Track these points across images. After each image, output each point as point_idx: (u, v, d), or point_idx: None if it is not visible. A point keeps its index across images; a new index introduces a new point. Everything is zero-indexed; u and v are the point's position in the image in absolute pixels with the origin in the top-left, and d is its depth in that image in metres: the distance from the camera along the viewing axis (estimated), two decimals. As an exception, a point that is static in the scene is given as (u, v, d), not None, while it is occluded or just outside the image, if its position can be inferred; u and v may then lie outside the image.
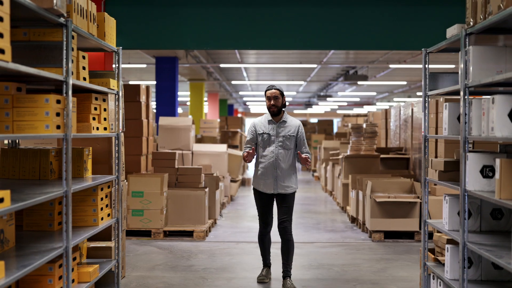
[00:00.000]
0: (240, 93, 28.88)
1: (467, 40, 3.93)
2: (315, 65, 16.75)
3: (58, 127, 3.56)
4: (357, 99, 32.66)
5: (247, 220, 9.58)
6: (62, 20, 3.57)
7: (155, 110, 14.71)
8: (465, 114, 3.92)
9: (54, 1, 3.29)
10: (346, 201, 10.31)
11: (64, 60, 3.64)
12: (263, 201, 5.55)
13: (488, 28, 3.66)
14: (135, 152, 8.56)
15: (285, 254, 5.52)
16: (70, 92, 3.66)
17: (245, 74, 20.46)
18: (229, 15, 7.75)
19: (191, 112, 20.18)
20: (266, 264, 5.78)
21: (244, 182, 15.30)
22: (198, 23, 7.78)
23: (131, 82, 20.65)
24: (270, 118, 5.54)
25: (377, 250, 7.27)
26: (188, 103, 27.75)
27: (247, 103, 37.46)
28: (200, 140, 13.79)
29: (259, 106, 38.56)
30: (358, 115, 22.50)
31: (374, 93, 28.74)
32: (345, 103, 35.12)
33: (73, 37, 3.76)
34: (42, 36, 3.69)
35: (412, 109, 10.53)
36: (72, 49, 3.74)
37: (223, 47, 8.17)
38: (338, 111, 42.18)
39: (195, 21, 7.78)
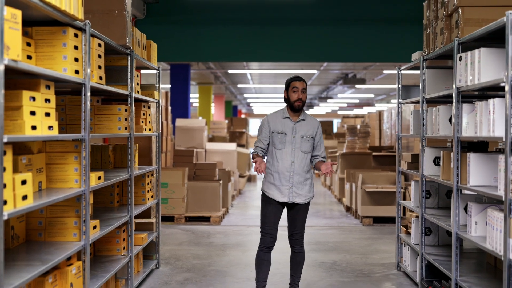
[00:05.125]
0: (245, 95, 30.24)
1: (424, 63, 5.29)
2: (315, 71, 18.11)
3: (126, 128, 4.92)
4: (357, 101, 33.99)
5: (254, 210, 10.93)
6: (128, 51, 4.94)
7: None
8: (423, 119, 5.28)
9: (127, 40, 4.66)
10: (342, 193, 11.67)
11: (129, 80, 5.00)
12: (272, 209, 4.75)
13: (437, 56, 5.01)
14: (158, 150, 9.90)
15: (295, 264, 4.88)
16: (133, 103, 5.03)
17: (249, 77, 21.82)
18: (239, 33, 9.13)
19: (200, 113, 21.54)
20: None
21: (250, 178, 16.65)
22: (213, 40, 9.16)
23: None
24: (287, 115, 4.76)
25: (366, 232, 8.63)
26: (194, 105, 29.19)
27: (251, 104, 38.85)
28: (211, 139, 15.15)
29: (261, 107, 39.94)
30: (356, 116, 23.88)
31: (372, 95, 30.08)
32: (345, 105, 36.47)
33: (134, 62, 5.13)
34: (112, 62, 5.04)
35: (401, 112, 11.90)
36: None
37: (234, 59, 9.57)
38: (339, 112, 43.53)
39: (210, 38, 9.17)
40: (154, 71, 6.37)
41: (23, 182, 2.92)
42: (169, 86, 16.11)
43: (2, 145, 2.55)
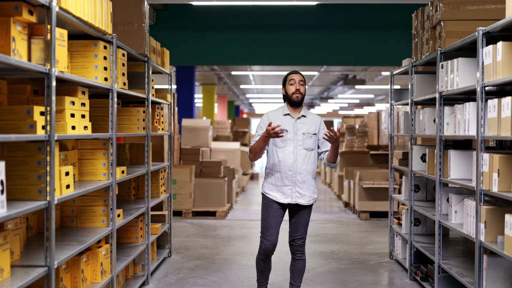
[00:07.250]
0: (247, 95, 30.80)
1: (413, 69, 5.83)
2: (316, 72, 18.65)
3: (143, 128, 5.47)
4: (357, 101, 34.53)
5: (257, 206, 11.47)
6: (145, 58, 5.48)
7: (174, 113, 16.64)
8: (411, 119, 5.83)
9: (145, 49, 5.21)
10: (341, 190, 12.22)
11: (146, 84, 5.55)
12: (273, 213, 4.52)
13: (424, 63, 5.56)
14: (166, 148, 10.46)
15: (295, 272, 4.66)
16: (150, 105, 5.57)
17: (251, 78, 22.37)
18: (243, 38, 9.70)
19: (203, 113, 22.09)
20: None
21: (252, 176, 17.23)
22: (218, 44, 9.73)
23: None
24: (287, 111, 4.58)
25: (362, 225, 9.18)
26: (197, 105, 29.79)
27: (253, 104, 39.43)
28: (215, 139, 15.70)
29: (263, 107, 40.52)
30: (356, 116, 24.46)
31: (372, 96, 30.62)
32: (346, 105, 37.01)
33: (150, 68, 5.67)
34: (131, 68, 5.58)
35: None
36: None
37: (239, 63, 10.16)
38: (340, 112, 44.08)
39: (216, 42, 9.74)
40: (163, 74, 6.90)
41: (67, 174, 3.47)
42: (175, 87, 16.67)
43: (54, 142, 3.10)
